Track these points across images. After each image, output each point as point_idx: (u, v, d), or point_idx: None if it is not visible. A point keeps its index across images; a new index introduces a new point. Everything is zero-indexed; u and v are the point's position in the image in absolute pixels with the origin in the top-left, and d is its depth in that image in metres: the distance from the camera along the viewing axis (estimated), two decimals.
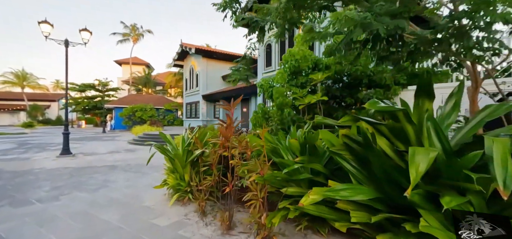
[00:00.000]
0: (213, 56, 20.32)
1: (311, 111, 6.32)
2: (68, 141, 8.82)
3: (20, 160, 7.95)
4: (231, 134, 3.01)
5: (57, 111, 46.68)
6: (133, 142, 13.24)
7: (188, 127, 10.76)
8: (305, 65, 6.57)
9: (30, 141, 14.37)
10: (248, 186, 2.70)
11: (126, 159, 8.20)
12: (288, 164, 2.73)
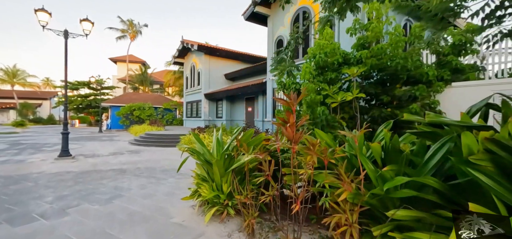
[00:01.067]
0: (216, 54, 19.59)
1: (341, 110, 5.75)
2: (68, 142, 8.04)
3: (13, 163, 7.14)
4: (299, 137, 2.39)
5: (49, 110, 45.10)
6: (134, 142, 12.46)
7: (193, 129, 9.97)
8: (334, 59, 6.00)
9: (22, 141, 13.41)
10: (332, 206, 2.08)
11: (133, 162, 7.48)
12: (375, 175, 2.13)
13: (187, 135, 11.20)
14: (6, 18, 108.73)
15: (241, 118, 18.14)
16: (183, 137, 11.09)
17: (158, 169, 6.48)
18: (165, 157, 8.46)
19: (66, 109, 8.23)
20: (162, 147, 11.26)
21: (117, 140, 14.87)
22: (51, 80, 57.13)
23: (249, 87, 14.41)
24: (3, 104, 41.16)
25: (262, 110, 14.71)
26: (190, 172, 5.91)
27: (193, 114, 21.87)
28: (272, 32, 12.21)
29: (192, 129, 12.10)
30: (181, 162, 3.62)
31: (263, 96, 14.67)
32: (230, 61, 20.63)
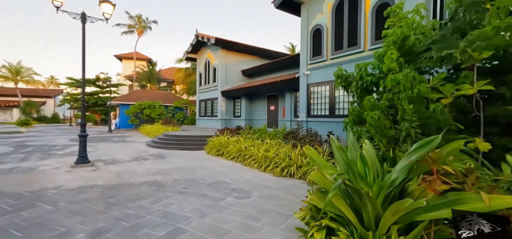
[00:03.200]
0: (233, 48, 18.29)
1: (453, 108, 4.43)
2: (86, 146, 6.78)
3: (22, 172, 5.89)
4: None
5: (53, 108, 44.04)
6: (153, 144, 11.20)
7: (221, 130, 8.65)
8: (425, 43, 4.67)
9: (28, 142, 12.19)
10: None
11: (164, 171, 6.20)
12: None
13: (214, 137, 9.92)
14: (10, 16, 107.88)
15: (261, 117, 16.85)
16: (210, 139, 9.80)
17: (200, 182, 5.20)
18: (197, 164, 7.19)
19: (84, 108, 6.97)
20: (185, 150, 9.98)
21: (130, 141, 13.63)
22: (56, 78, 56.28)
23: (276, 84, 13.09)
24: (6, 102, 40.10)
25: (290, 108, 13.40)
26: (244, 186, 4.68)
27: (208, 113, 20.61)
28: (307, 21, 10.89)
29: (219, 130, 10.81)
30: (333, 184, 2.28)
31: (291, 93, 13.38)
32: (248, 57, 19.34)
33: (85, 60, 6.67)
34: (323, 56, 10.14)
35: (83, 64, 6.64)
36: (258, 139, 7.76)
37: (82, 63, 6.60)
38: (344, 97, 9.36)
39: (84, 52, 6.61)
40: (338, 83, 6.06)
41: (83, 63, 6.62)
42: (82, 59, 6.60)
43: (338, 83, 6.06)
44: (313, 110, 10.71)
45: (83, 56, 6.60)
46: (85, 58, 6.66)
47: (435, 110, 3.81)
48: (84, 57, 6.64)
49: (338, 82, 6.05)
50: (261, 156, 6.47)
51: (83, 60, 6.61)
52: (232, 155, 7.79)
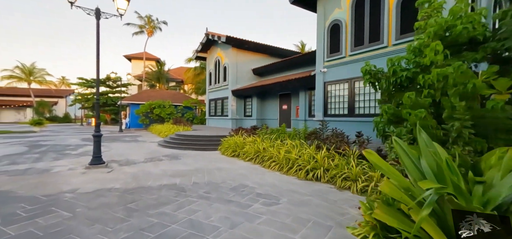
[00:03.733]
0: (244, 47, 17.97)
1: None
2: (100, 147, 6.57)
3: (36, 174, 5.71)
4: None
5: (64, 108, 44.78)
6: (165, 145, 10.99)
7: (235, 130, 8.34)
8: (477, 33, 4.21)
9: (42, 142, 12.18)
10: None
11: (181, 173, 5.92)
12: None
13: (228, 137, 9.62)
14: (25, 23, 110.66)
15: (273, 117, 16.49)
16: (224, 140, 9.51)
17: (222, 185, 4.89)
18: (214, 165, 6.89)
19: (98, 108, 6.76)
20: (199, 150, 9.72)
21: (142, 141, 13.48)
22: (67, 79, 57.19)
23: (290, 82, 12.70)
24: (20, 102, 40.97)
25: (304, 107, 12.99)
26: (270, 191, 4.27)
27: (218, 113, 20.37)
28: (324, 17, 10.46)
29: (233, 130, 10.50)
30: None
31: (305, 92, 12.96)
32: (258, 55, 18.99)
33: (100, 57, 6.46)
34: (341, 52, 9.70)
35: (97, 62, 6.42)
36: (277, 139, 7.40)
37: (97, 60, 6.38)
38: (365, 96, 8.90)
39: (98, 49, 6.40)
40: (366, 79, 5.64)
41: (97, 61, 6.41)
42: (97, 56, 6.39)
43: (366, 79, 5.64)
44: (330, 109, 10.28)
45: (97, 53, 6.38)
46: (99, 55, 6.44)
47: (493, 108, 3.37)
48: (99, 54, 6.42)
49: (366, 79, 5.63)
50: (282, 157, 6.12)
51: (97, 57, 6.40)
52: (249, 156, 7.46)
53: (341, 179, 4.56)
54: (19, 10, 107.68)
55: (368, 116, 8.74)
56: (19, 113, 42.30)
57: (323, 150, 5.39)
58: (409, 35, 7.48)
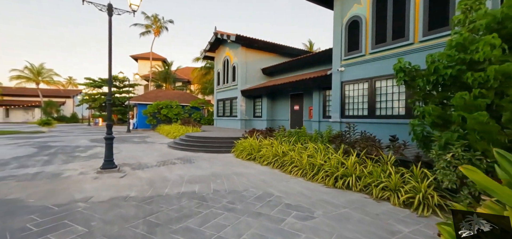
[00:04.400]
0: (254, 46, 17.59)
1: None
2: (112, 150, 6.25)
3: (46, 179, 5.41)
4: None
5: (72, 108, 45.06)
6: (176, 146, 10.66)
7: (250, 132, 8.11)
8: None
9: (51, 143, 11.99)
10: None
11: (198, 178, 5.56)
12: None
13: (242, 139, 9.24)
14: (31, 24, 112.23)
15: (284, 117, 16.06)
16: (238, 142, 9.14)
17: (245, 194, 4.50)
18: (230, 170, 6.52)
19: (110, 108, 6.44)
20: (212, 153, 9.36)
21: (151, 142, 13.21)
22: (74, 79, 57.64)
23: (304, 82, 12.26)
24: (28, 102, 41.33)
25: (318, 108, 12.54)
26: (299, 201, 3.75)
27: (226, 113, 20.03)
28: (341, 13, 10.00)
29: (247, 131, 10.11)
30: None
31: (319, 92, 12.51)
32: (268, 55, 18.59)
33: (112, 55, 6.13)
34: (361, 50, 9.23)
35: (110, 60, 6.10)
36: (297, 142, 6.98)
37: (109, 58, 6.06)
38: (388, 96, 8.42)
39: (110, 46, 6.07)
40: (400, 78, 5.18)
41: (109, 59, 6.09)
42: (109, 54, 6.07)
43: (400, 78, 5.18)
44: (348, 110, 9.81)
45: (109, 51, 6.06)
46: (111, 53, 6.12)
47: None
48: (111, 52, 6.10)
49: (400, 77, 5.18)
50: (305, 162, 5.70)
51: (109, 55, 6.08)
52: (267, 160, 7.07)
53: (378, 189, 4.12)
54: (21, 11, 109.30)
55: (391, 117, 8.27)
56: (27, 113, 42.70)
57: (353, 156, 4.95)
58: (439, 31, 6.99)
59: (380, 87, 8.67)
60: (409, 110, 7.73)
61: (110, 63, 6.11)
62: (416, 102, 5.27)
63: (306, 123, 13.95)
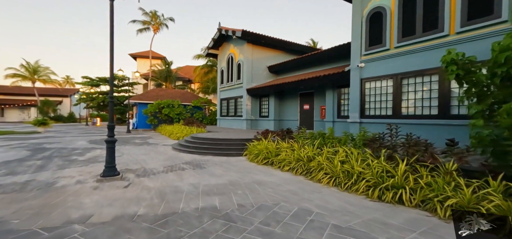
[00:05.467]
0: (260, 42, 16.80)
1: None
2: (114, 155, 5.45)
3: (37, 190, 4.60)
4: None
5: (69, 107, 44.05)
6: (181, 149, 9.86)
7: (263, 133, 7.40)
8: None
9: (46, 145, 11.14)
10: None
11: (216, 189, 4.78)
12: None
13: (255, 142, 8.47)
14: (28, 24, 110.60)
15: (293, 117, 15.30)
16: (251, 144, 8.36)
17: (278, 211, 3.73)
18: (249, 177, 5.75)
19: (112, 108, 5.63)
20: (221, 156, 8.58)
21: (153, 143, 12.39)
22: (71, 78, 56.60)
23: (318, 79, 11.49)
24: (24, 101, 40.27)
25: (332, 107, 11.78)
26: (351, 223, 3.11)
27: (230, 113, 19.24)
28: (361, 5, 9.23)
29: (260, 133, 9.33)
30: None
31: (333, 90, 11.75)
32: (275, 52, 17.82)
33: (113, 45, 5.33)
34: (384, 44, 8.47)
35: (111, 51, 5.30)
36: (323, 145, 6.21)
37: (110, 49, 5.26)
38: (417, 94, 7.67)
39: (112, 35, 5.27)
40: (451, 72, 4.40)
41: (111, 49, 5.28)
42: (110, 44, 5.26)
43: (451, 72, 4.40)
44: (369, 109, 9.06)
45: (111, 41, 5.26)
46: (113, 44, 5.32)
47: None
48: (113, 43, 5.30)
49: (451, 71, 4.39)
50: (338, 169, 4.94)
51: (111, 45, 5.27)
52: (288, 166, 6.30)
53: (445, 206, 3.35)
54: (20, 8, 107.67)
55: (420, 117, 7.53)
56: (23, 112, 41.65)
57: (402, 163, 4.18)
58: (481, 20, 6.25)
59: (408, 84, 7.93)
60: (444, 109, 7.00)
61: (112, 55, 5.31)
62: (468, 100, 4.52)
63: (318, 123, 13.20)
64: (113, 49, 5.28)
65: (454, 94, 6.79)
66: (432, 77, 7.32)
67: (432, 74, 7.31)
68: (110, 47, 5.26)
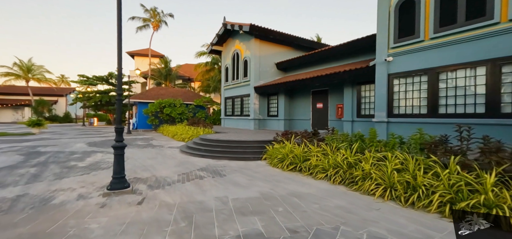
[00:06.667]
0: (269, 38, 15.92)
1: None
2: (124, 163, 4.57)
3: (30, 209, 3.72)
4: None
5: (64, 107, 42.80)
6: (191, 151, 8.99)
7: (284, 134, 6.61)
8: None
9: (41, 148, 10.18)
10: None
11: (251, 206, 3.94)
12: None
13: (276, 144, 7.63)
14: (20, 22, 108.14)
15: (304, 117, 14.48)
16: (272, 147, 7.52)
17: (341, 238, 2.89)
18: (283, 188, 4.92)
19: (120, 106, 4.74)
20: (238, 160, 7.73)
21: (158, 145, 11.50)
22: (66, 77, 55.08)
23: (337, 75, 10.66)
24: (17, 101, 38.91)
25: (351, 106, 10.98)
26: None
27: (236, 112, 18.36)
28: None
29: (280, 134, 8.48)
30: None
31: (353, 88, 10.95)
32: (283, 48, 16.96)
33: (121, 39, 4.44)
34: (417, 35, 7.68)
35: (119, 42, 4.41)
36: (363, 149, 5.37)
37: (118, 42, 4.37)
38: (458, 90, 6.89)
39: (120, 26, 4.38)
40: None
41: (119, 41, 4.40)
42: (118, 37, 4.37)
43: None
44: (398, 107, 8.27)
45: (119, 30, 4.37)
46: (121, 36, 4.43)
47: None
48: (120, 34, 4.41)
49: None
50: (395, 180, 4.12)
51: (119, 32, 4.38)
52: (322, 173, 5.47)
53: None
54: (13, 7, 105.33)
55: (462, 116, 6.75)
56: (17, 113, 40.28)
57: (492, 175, 3.36)
58: None
59: (446, 79, 7.14)
60: (493, 107, 6.21)
61: (120, 48, 4.41)
62: None
63: (334, 123, 12.40)
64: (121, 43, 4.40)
65: (507, 90, 6.01)
66: (477, 70, 6.54)
67: (477, 67, 6.53)
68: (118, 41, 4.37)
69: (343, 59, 12.76)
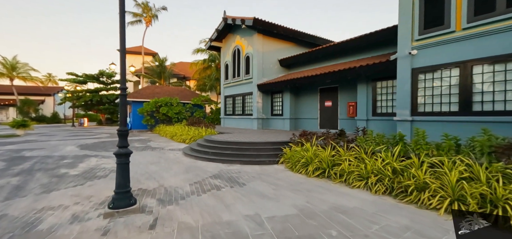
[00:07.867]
0: (272, 33, 15.12)
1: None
2: (129, 174, 3.70)
3: None
4: None
5: (52, 107, 40.89)
6: (196, 154, 8.11)
7: (302, 135, 5.82)
8: None
9: (26, 152, 9.08)
10: None
11: (289, 226, 3.16)
12: None
13: (294, 147, 6.85)
14: None
15: (311, 116, 13.76)
16: (291, 150, 6.74)
17: None
18: (319, 200, 4.17)
19: (125, 106, 3.86)
20: (252, 164, 6.92)
21: (157, 147, 10.54)
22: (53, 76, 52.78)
23: (351, 71, 9.97)
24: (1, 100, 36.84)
25: (366, 104, 10.31)
26: None
27: (237, 111, 17.51)
28: None
29: (296, 135, 7.69)
30: None
31: (367, 84, 10.28)
32: (286, 44, 16.22)
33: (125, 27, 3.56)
34: (448, 25, 7.03)
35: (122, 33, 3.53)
36: (414, 153, 4.63)
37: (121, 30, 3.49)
38: (496, 85, 6.27)
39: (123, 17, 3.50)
40: None
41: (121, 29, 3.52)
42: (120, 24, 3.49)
43: None
44: (424, 105, 7.63)
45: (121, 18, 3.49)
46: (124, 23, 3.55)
47: None
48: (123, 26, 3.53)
49: None
50: (468, 191, 3.40)
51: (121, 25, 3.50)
52: (359, 181, 4.73)
53: None
54: None
55: (503, 114, 6.13)
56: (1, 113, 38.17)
57: None
58: None
59: (482, 73, 6.52)
60: None
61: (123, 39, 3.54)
62: None
63: (344, 122, 11.74)
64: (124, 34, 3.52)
65: None
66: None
67: None
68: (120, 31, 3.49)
69: (353, 55, 12.09)
